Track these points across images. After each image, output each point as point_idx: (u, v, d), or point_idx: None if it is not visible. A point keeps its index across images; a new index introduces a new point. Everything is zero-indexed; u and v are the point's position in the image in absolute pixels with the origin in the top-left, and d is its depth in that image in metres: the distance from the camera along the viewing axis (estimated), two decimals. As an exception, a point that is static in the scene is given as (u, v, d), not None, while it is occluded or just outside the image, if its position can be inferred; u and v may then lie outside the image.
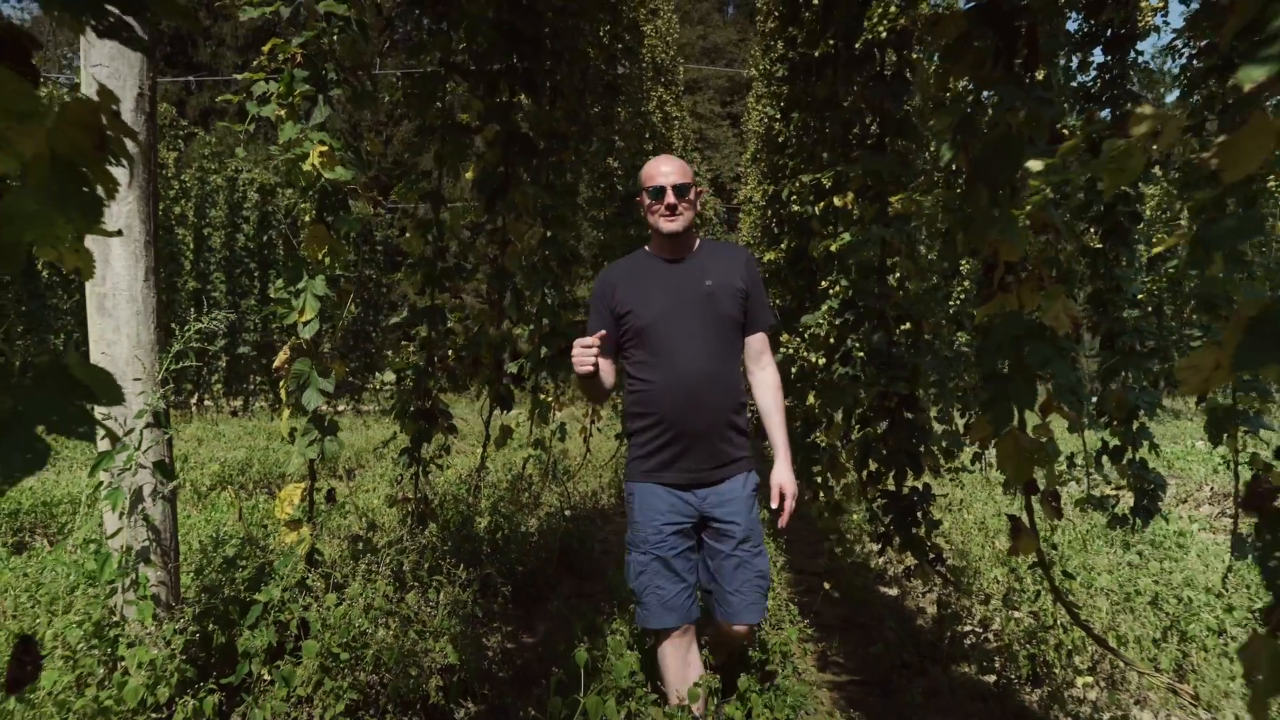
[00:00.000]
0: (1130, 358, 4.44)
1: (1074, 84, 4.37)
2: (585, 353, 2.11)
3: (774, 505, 2.32)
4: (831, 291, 3.07)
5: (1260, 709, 0.94)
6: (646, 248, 2.51)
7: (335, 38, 2.14)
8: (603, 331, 2.17)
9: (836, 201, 2.94)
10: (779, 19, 5.10)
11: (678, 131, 11.63)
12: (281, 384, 2.42)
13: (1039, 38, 1.79)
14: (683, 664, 2.33)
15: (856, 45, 2.67)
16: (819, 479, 3.86)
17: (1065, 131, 1.97)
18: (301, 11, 2.14)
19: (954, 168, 2.29)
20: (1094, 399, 4.71)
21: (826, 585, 3.09)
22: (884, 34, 2.51)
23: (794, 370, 3.55)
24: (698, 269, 2.38)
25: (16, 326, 10.84)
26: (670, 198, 2.32)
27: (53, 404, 0.92)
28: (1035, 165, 1.26)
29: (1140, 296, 3.53)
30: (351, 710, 2.36)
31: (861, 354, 3.00)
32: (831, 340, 3.12)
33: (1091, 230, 4.48)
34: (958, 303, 7.03)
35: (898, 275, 3.15)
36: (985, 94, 1.87)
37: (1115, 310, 4.48)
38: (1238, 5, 0.85)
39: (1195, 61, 3.42)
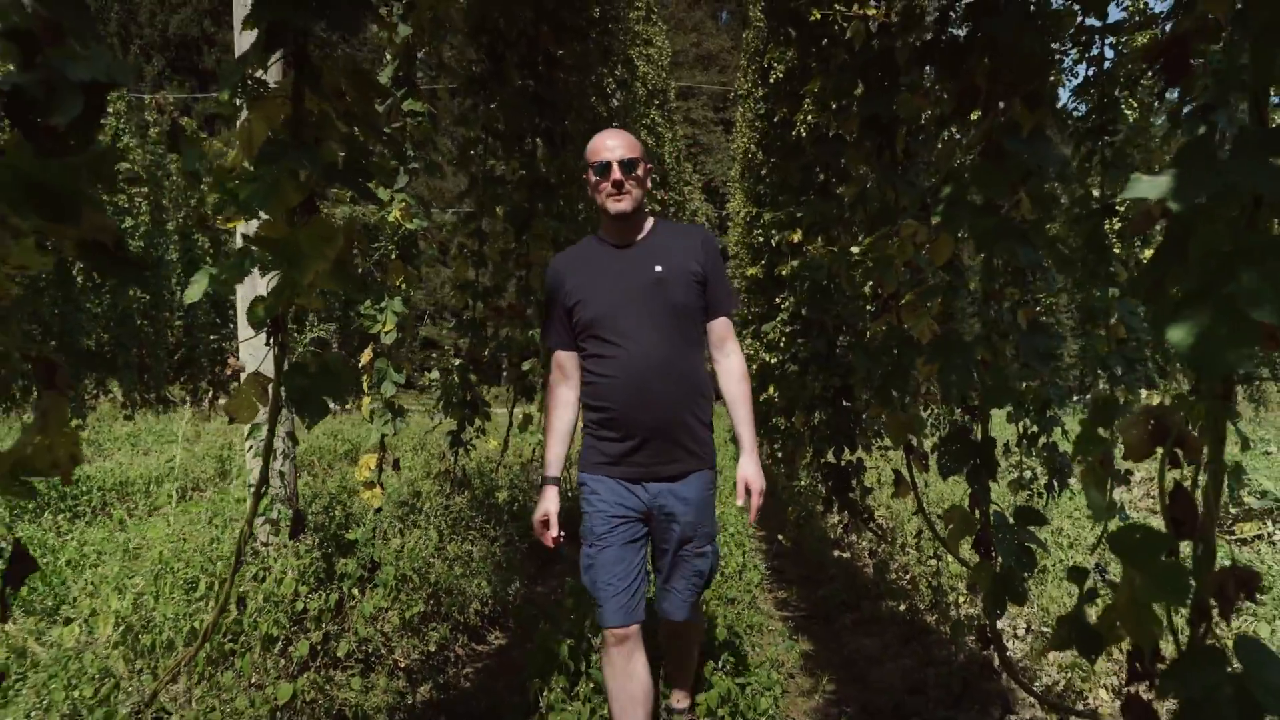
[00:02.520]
0: (1049, 357, 5.29)
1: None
2: (542, 532, 2.24)
3: (740, 502, 2.21)
4: (784, 306, 3.89)
5: (954, 545, 1.78)
6: (597, 233, 2.34)
7: (412, 126, 2.97)
8: (548, 515, 2.23)
9: (790, 236, 3.77)
10: (756, 70, 5.94)
11: (669, 146, 12.46)
12: (364, 377, 3.25)
13: (911, 140, 2.63)
14: (625, 674, 2.18)
15: (808, 120, 3.49)
16: (779, 454, 4.70)
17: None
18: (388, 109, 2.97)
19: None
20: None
21: (780, 536, 3.92)
22: (804, 133, 3.34)
23: (754, 367, 4.39)
24: (648, 255, 2.22)
25: (53, 327, 11.62)
26: (617, 174, 2.16)
27: (326, 384, 1.77)
28: (854, 249, 2.09)
29: (1040, 309, 4.33)
30: (418, 619, 3.18)
31: (805, 354, 3.83)
32: (783, 344, 3.94)
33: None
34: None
35: (854, 291, 3.98)
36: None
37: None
38: (939, 170, 1.69)
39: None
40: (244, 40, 2.79)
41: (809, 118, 3.28)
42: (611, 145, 2.19)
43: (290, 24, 1.67)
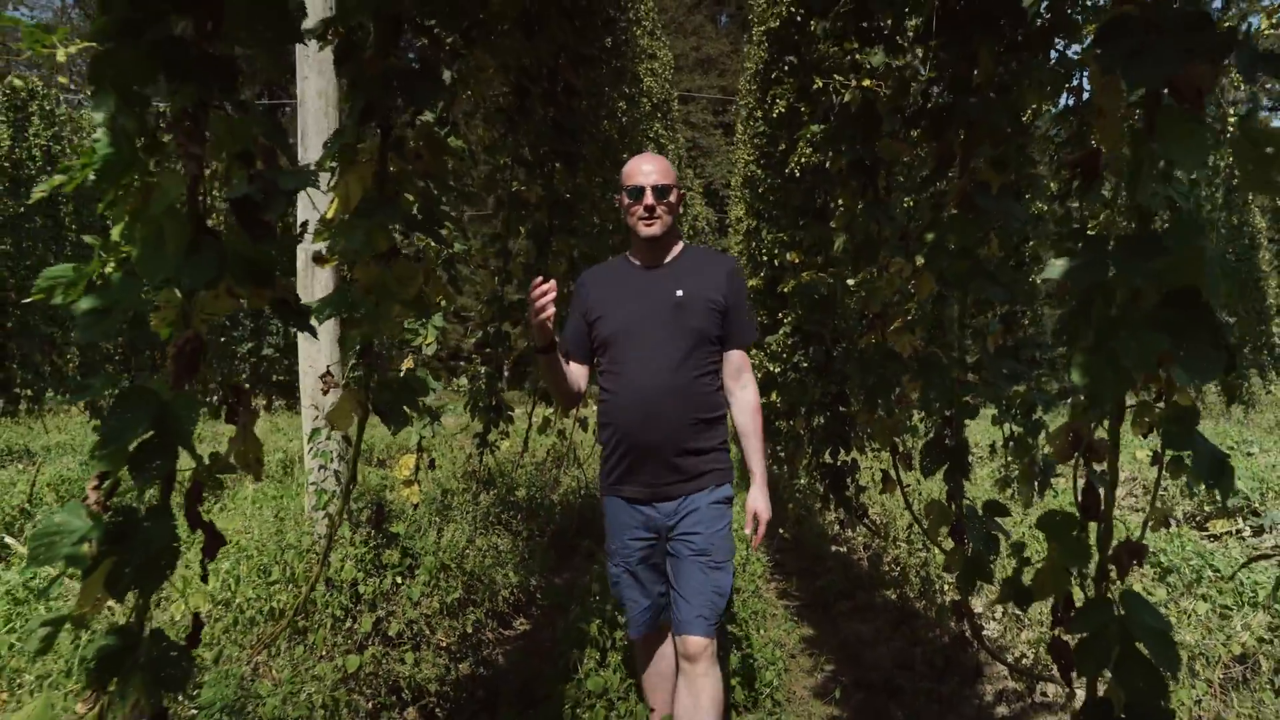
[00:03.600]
0: (1030, 366, 5.64)
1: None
2: (540, 301, 2.05)
3: (747, 530, 2.26)
4: (786, 320, 4.23)
5: (933, 534, 2.12)
6: (628, 253, 2.44)
7: (455, 162, 3.30)
8: (549, 285, 2.07)
9: (791, 257, 4.10)
10: (758, 88, 6.25)
11: (671, 155, 12.79)
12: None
13: (891, 179, 2.96)
14: (655, 655, 2.41)
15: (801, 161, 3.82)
16: (781, 455, 5.05)
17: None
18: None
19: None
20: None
21: (781, 530, 4.25)
22: (798, 173, 3.69)
23: (759, 375, 4.74)
24: (671, 278, 2.28)
25: (70, 333, 11.92)
26: (649, 199, 2.23)
27: (407, 397, 2.10)
28: (850, 282, 2.42)
29: (1025, 322, 4.69)
30: (456, 603, 3.50)
31: (805, 364, 4.18)
32: (785, 355, 4.28)
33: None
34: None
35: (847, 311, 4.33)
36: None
37: (1020, 329, 5.68)
38: (921, 220, 2.02)
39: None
40: (308, 88, 3.13)
41: (802, 159, 3.61)
42: (647, 170, 2.26)
43: (380, 104, 2.01)
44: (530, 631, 3.98)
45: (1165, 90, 1.08)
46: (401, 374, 2.25)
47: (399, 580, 3.38)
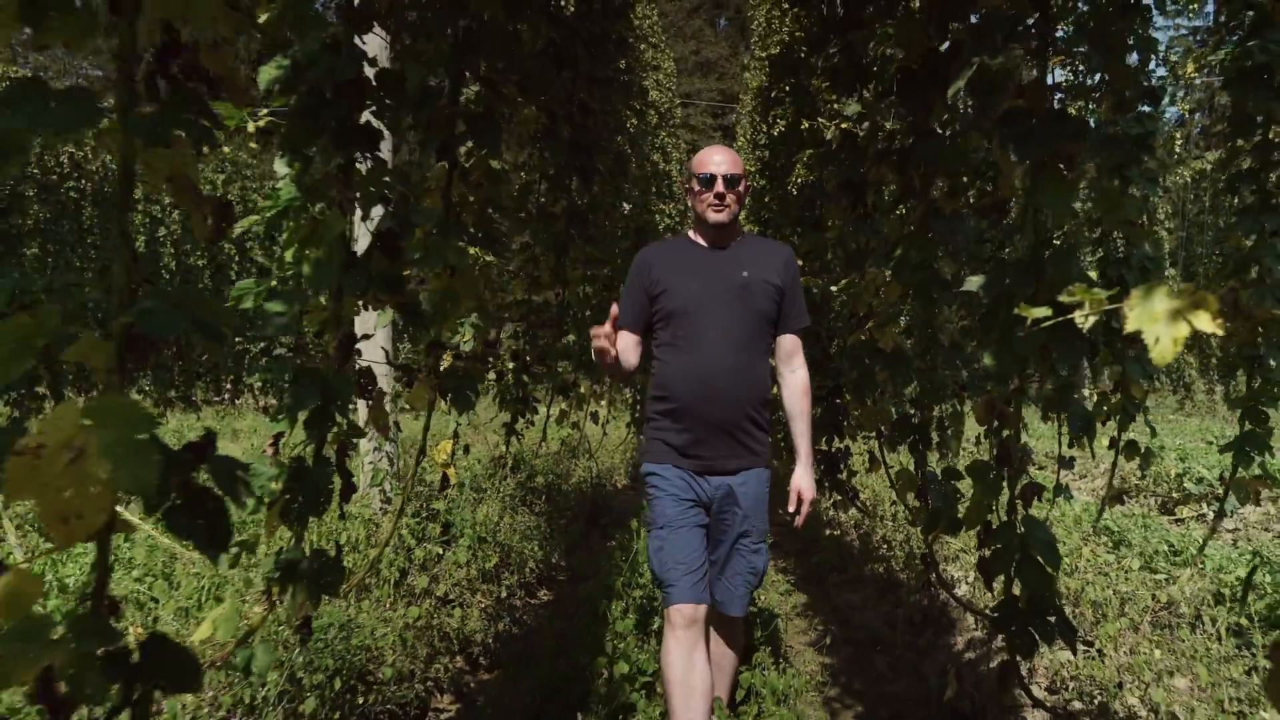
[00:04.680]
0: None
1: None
2: (601, 343, 2.20)
3: (791, 508, 2.31)
4: (784, 320, 4.72)
5: (903, 496, 2.57)
6: (689, 233, 2.53)
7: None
8: (608, 328, 2.20)
9: (787, 261, 4.56)
10: (760, 103, 6.71)
11: (675, 161, 13.23)
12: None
13: (879, 196, 3.42)
14: (688, 664, 2.16)
15: (797, 182, 4.28)
16: (781, 444, 5.50)
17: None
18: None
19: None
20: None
21: (780, 510, 4.68)
22: (795, 191, 4.14)
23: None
24: (735, 259, 2.38)
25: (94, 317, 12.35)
26: (720, 187, 2.35)
27: (469, 384, 2.55)
28: (833, 288, 2.87)
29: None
30: (493, 570, 3.95)
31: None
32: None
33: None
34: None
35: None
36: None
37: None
38: (890, 238, 2.47)
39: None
40: (367, 118, 3.58)
41: (798, 178, 4.06)
42: (718, 160, 2.39)
43: (451, 142, 2.46)
44: (554, 601, 4.43)
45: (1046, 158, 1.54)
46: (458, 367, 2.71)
47: (440, 550, 3.83)
